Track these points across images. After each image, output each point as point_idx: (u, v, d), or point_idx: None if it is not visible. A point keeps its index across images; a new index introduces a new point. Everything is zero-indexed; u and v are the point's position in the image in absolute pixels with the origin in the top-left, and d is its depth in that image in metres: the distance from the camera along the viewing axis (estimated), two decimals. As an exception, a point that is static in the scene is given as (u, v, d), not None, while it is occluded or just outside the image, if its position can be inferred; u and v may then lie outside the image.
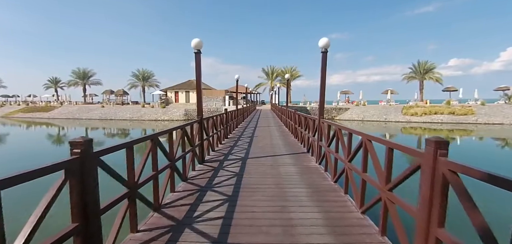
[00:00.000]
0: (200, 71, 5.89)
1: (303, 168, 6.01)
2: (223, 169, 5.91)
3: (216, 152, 7.93)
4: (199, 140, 6.19)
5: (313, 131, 7.12)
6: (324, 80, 5.83)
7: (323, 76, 5.79)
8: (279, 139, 10.14)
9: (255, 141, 9.74)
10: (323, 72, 5.78)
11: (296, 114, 10.24)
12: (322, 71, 5.77)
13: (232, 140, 10.18)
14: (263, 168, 5.99)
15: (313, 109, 39.91)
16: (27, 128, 31.92)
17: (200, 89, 6.14)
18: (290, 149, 8.28)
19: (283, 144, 9.20)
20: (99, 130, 30.28)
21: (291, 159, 6.98)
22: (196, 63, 5.81)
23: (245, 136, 11.13)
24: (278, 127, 14.20)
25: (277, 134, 11.14)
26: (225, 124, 10.49)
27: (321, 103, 6.10)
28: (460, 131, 26.06)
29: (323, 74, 5.79)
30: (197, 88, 6.06)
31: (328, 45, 5.42)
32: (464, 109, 32.74)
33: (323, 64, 5.71)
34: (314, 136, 6.94)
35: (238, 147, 8.65)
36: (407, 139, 23.20)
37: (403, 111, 35.26)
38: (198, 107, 6.12)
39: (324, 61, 5.68)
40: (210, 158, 7.06)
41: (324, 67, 5.74)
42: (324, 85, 5.87)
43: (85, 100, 58.53)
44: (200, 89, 6.14)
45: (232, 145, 9.09)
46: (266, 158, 7.00)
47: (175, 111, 39.84)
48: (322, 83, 5.85)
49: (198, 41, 5.45)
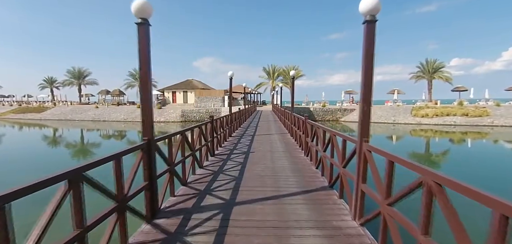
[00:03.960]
0: (147, 58, 3.22)
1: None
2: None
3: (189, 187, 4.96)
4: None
5: (344, 161, 4.05)
6: (370, 72, 3.10)
7: (369, 65, 3.07)
8: (284, 159, 7.09)
9: (250, 162, 6.71)
10: (368, 56, 3.05)
11: (308, 124, 7.28)
12: (366, 55, 3.05)
13: (219, 159, 7.15)
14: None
15: (316, 110, 38.06)
16: (10, 130, 30.18)
17: (149, 90, 3.35)
18: (300, 178, 5.38)
19: (290, 167, 6.21)
20: (87, 133, 28.60)
21: (308, 207, 3.91)
22: (142, 42, 3.18)
23: (238, 152, 8.03)
24: (281, 135, 12.01)
25: (280, 149, 8.47)
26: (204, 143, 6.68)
27: (364, 115, 3.23)
28: (475, 134, 24.27)
29: (368, 61, 3.05)
30: (142, 86, 3.35)
31: (377, 9, 2.86)
32: (478, 110, 30.86)
33: (367, 41, 3.03)
34: (360, 181, 3.47)
35: (221, 180, 5.28)
36: (419, 142, 21.21)
37: (412, 112, 33.43)
38: (145, 122, 3.34)
39: (369, 36, 3.01)
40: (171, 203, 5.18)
41: (371, 46, 3.03)
42: (370, 82, 3.14)
43: (80, 100, 57.12)
44: (149, 90, 3.35)
45: (210, 179, 5.27)
46: (263, 204, 4.03)
47: (172, 112, 38.26)
48: (366, 77, 3.12)
49: (143, 3, 3.00)
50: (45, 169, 11.30)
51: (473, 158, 14.91)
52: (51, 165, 12.73)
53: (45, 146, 19.73)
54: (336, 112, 37.62)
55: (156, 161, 3.52)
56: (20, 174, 10.52)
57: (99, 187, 2.50)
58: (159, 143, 3.72)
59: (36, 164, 12.82)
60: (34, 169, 11.51)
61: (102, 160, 2.55)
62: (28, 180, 1.79)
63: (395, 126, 30.87)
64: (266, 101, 64.34)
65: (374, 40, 3.01)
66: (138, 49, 3.18)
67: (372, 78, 3.10)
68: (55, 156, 16.09)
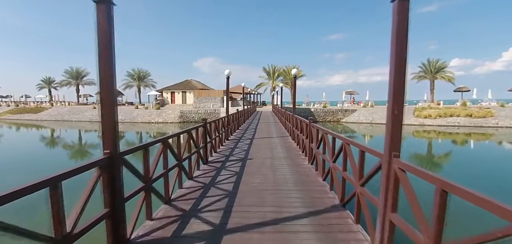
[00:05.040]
0: (109, 47, 2.45)
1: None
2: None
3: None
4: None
5: (362, 178, 3.31)
6: (402, 64, 2.33)
7: (400, 54, 2.30)
8: (286, 167, 6.29)
9: (247, 172, 5.85)
10: (399, 42, 2.29)
11: (313, 128, 6.38)
12: (396, 42, 2.30)
13: (212, 167, 6.35)
14: None
15: (317, 110, 37.40)
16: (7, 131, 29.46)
17: (112, 89, 2.57)
18: (305, 193, 4.58)
19: (293, 179, 5.36)
20: (80, 133, 27.87)
21: (318, 236, 3.13)
22: (101, 27, 2.42)
23: (234, 159, 7.23)
24: (282, 139, 11.14)
25: (281, 155, 7.63)
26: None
27: (394, 122, 2.43)
28: (479, 135, 23.52)
29: (399, 49, 2.30)
30: (102, 85, 2.51)
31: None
32: (482, 111, 30.18)
33: (399, 22, 2.27)
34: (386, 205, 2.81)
35: (212, 195, 4.49)
36: (425, 144, 20.41)
37: (415, 113, 32.70)
38: (107, 131, 2.56)
39: (401, 15, 2.25)
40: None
41: (403, 29, 2.27)
42: (402, 77, 2.35)
43: (78, 100, 56.44)
44: (112, 89, 2.57)
45: (199, 195, 4.49)
46: (261, 231, 3.26)
47: (170, 112, 37.55)
48: (397, 70, 2.35)
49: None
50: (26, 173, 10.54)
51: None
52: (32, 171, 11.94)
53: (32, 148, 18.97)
54: (337, 112, 36.91)
55: (122, 180, 2.74)
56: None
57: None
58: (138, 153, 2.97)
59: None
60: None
61: (27, 189, 1.74)
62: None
63: (398, 127, 30.13)
64: (266, 102, 63.60)
65: (407, 20, 2.24)
66: (96, 35, 2.40)
67: (405, 72, 2.33)
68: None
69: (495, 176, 10.54)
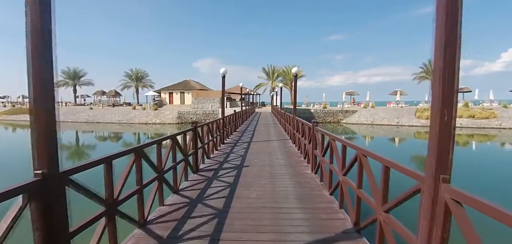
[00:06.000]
0: (46, 32, 1.74)
1: None
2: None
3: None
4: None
5: (386, 202, 2.65)
6: (453, 54, 1.64)
7: (450, 41, 1.62)
8: (286, 177, 5.60)
9: (242, 184, 5.15)
10: (448, 27, 1.62)
11: (317, 133, 5.63)
12: (445, 27, 1.63)
13: (203, 177, 5.67)
14: None
15: (317, 111, 36.78)
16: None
17: (50, 87, 1.80)
18: (311, 212, 3.84)
19: (295, 193, 4.66)
20: (73, 135, 27.18)
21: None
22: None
23: (229, 167, 6.46)
24: (282, 142, 10.41)
25: (282, 162, 6.92)
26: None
27: (442, 131, 1.71)
28: (482, 137, 22.91)
29: (449, 34, 1.62)
30: (34, 82, 1.72)
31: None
32: (485, 112, 29.64)
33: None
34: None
35: (199, 215, 3.81)
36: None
37: (416, 114, 32.12)
38: (40, 143, 1.76)
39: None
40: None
41: (454, 9, 1.61)
42: (453, 71, 1.64)
43: (76, 101, 55.75)
44: (50, 87, 1.80)
45: (183, 214, 3.80)
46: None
47: (168, 113, 36.84)
48: (447, 61, 1.64)
49: None
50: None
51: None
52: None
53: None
54: (338, 113, 36.24)
55: (66, 205, 2.02)
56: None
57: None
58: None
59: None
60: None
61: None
62: None
63: (399, 128, 29.64)
64: (265, 102, 63.03)
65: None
66: (28, 19, 1.69)
67: (457, 64, 1.63)
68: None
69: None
